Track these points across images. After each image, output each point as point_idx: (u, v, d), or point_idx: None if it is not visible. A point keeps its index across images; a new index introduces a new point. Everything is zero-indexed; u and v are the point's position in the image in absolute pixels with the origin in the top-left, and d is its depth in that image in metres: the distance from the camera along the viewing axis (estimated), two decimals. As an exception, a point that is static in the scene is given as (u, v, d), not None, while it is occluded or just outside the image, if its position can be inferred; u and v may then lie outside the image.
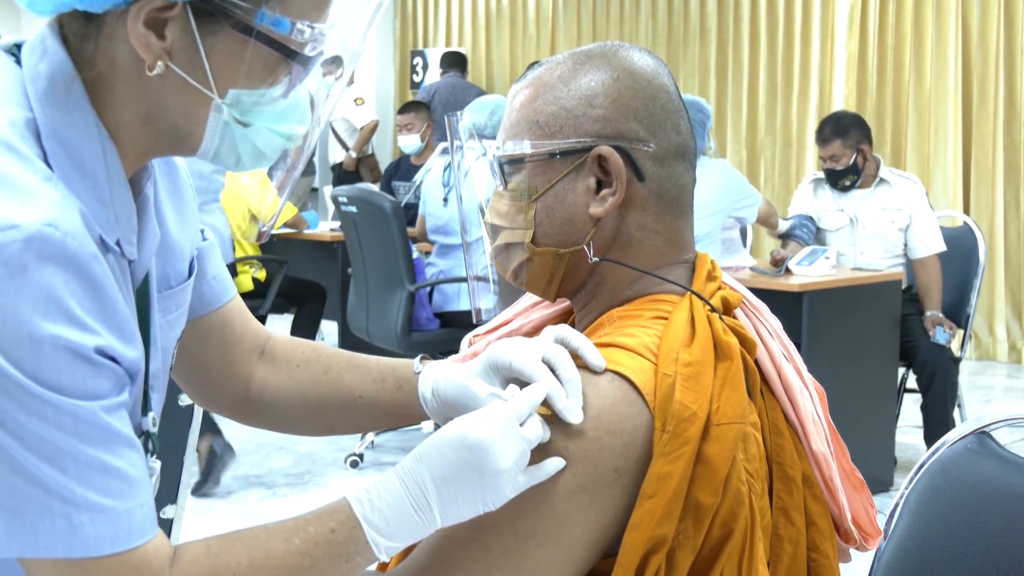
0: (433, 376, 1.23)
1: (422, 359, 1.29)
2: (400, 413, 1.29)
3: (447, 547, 1.07)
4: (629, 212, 1.21)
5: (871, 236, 4.63)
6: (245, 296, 5.47)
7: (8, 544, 0.92)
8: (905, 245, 4.60)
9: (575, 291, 1.26)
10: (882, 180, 4.64)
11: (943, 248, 4.55)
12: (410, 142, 6.45)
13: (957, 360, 4.46)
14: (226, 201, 5.48)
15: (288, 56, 1.02)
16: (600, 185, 1.20)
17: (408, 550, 1.22)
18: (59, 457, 0.92)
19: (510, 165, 1.23)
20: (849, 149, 4.58)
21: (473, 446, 1.02)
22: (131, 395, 1.01)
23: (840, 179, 4.65)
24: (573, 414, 1.07)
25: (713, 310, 1.19)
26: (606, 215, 1.20)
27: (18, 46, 1.04)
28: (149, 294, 1.12)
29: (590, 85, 1.21)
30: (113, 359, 0.96)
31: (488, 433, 1.02)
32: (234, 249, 5.58)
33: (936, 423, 4.34)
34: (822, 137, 4.66)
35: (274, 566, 1.00)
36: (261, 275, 5.71)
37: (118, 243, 1.03)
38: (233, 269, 5.49)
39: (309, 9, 1.02)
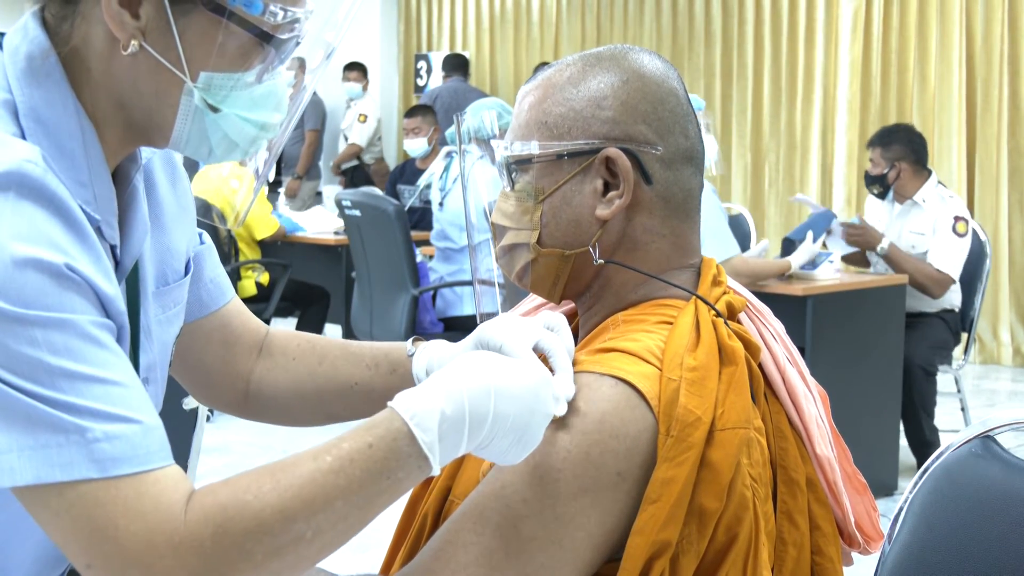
0: (427, 357, 1.25)
1: (414, 340, 1.30)
2: None
3: (450, 550, 1.07)
4: (635, 215, 1.21)
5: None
6: (248, 300, 5.49)
7: (22, 471, 0.88)
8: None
9: (580, 293, 1.26)
10: (914, 203, 4.62)
11: (954, 276, 4.48)
12: (417, 146, 6.45)
13: (930, 372, 4.44)
14: (217, 204, 5.49)
15: (260, 39, 1.02)
16: (607, 187, 1.21)
17: (411, 551, 1.23)
18: (55, 378, 0.89)
19: (518, 166, 1.23)
20: (885, 160, 4.63)
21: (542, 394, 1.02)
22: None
23: (870, 185, 4.72)
24: (566, 390, 1.07)
25: (718, 315, 1.19)
26: (612, 217, 1.21)
27: (1, 35, 1.06)
28: (139, 285, 1.13)
29: (599, 87, 1.21)
30: (92, 290, 0.95)
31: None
32: (238, 253, 5.59)
33: (917, 430, 4.41)
34: (869, 142, 4.76)
35: (302, 485, 0.93)
36: (264, 279, 5.72)
37: (98, 225, 1.03)
38: (236, 273, 5.50)
39: None
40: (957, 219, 4.53)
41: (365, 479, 0.95)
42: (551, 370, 1.09)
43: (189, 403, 1.86)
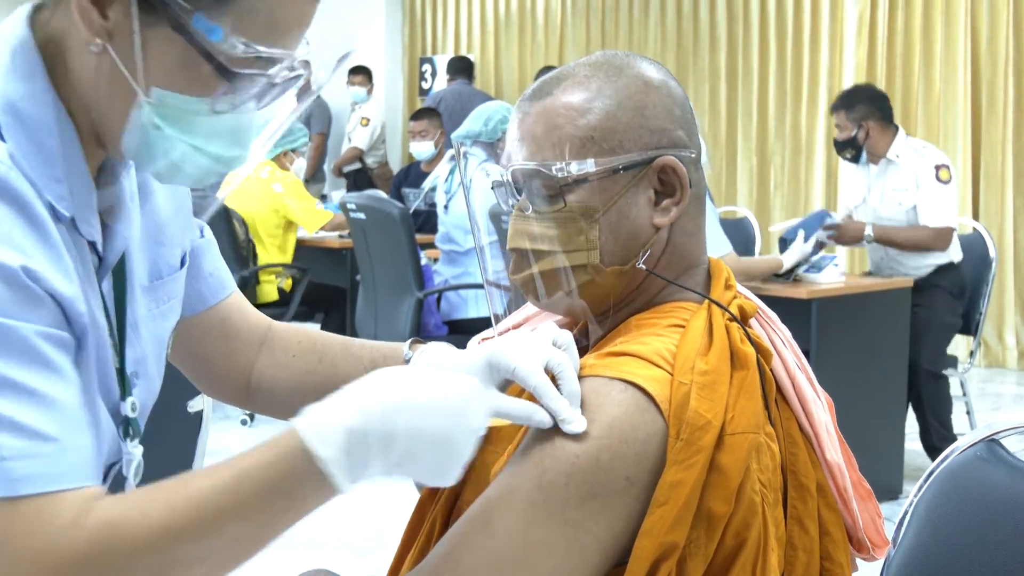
0: (425, 362, 1.23)
1: (412, 343, 1.29)
2: None
3: (458, 554, 1.07)
4: (679, 218, 1.22)
5: (880, 218, 4.58)
6: (269, 305, 5.49)
7: None
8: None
9: (617, 303, 1.25)
10: (890, 161, 4.57)
11: (951, 224, 4.42)
12: (423, 148, 6.43)
13: (937, 375, 4.43)
14: (254, 208, 5.48)
15: (216, 68, 0.99)
16: (656, 195, 1.21)
17: (421, 556, 1.23)
18: None
19: (574, 185, 1.19)
20: (851, 122, 4.58)
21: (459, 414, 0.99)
22: (84, 351, 1.00)
23: (841, 151, 4.66)
24: (577, 425, 1.07)
25: (733, 318, 1.19)
26: (669, 224, 1.21)
27: None
28: (126, 280, 1.13)
29: (637, 96, 1.20)
30: (49, 294, 0.94)
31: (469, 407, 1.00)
32: (256, 258, 5.58)
33: (925, 432, 4.43)
34: (833, 106, 4.71)
35: (193, 504, 0.91)
36: (287, 284, 5.70)
37: (73, 220, 1.02)
38: (255, 278, 5.49)
39: (260, 32, 0.99)
40: (938, 167, 4.47)
41: (262, 497, 0.92)
42: (559, 391, 1.08)
43: (194, 406, 1.87)
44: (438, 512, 1.24)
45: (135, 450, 1.14)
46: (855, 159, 4.65)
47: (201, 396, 1.87)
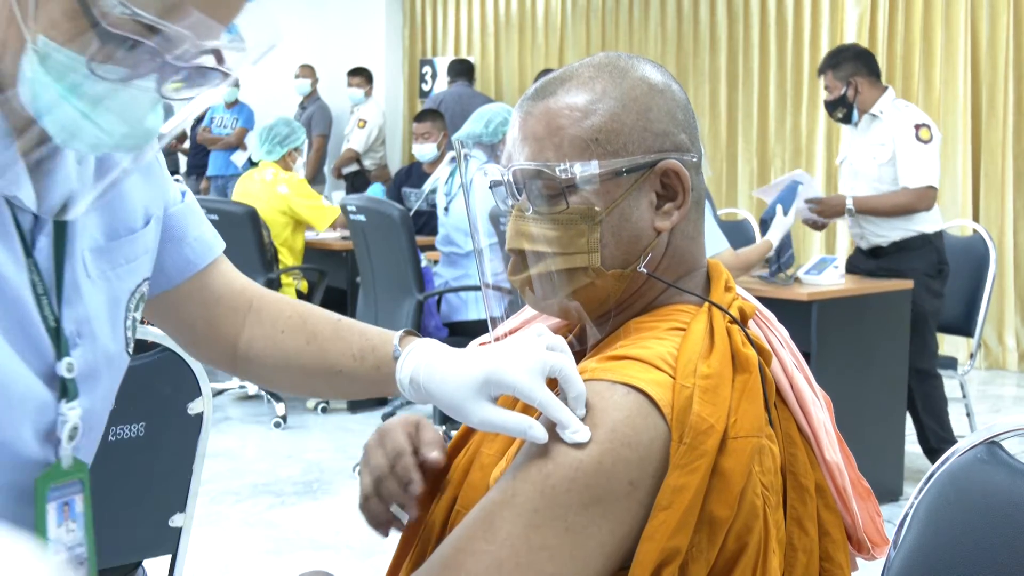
0: (415, 362, 1.19)
1: (404, 336, 1.26)
2: (380, 390, 1.28)
3: (460, 559, 1.06)
4: (680, 222, 1.22)
5: (856, 173, 4.55)
6: None
7: None
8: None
9: (616, 307, 1.24)
10: (874, 116, 4.52)
11: (932, 183, 4.35)
12: (427, 151, 6.43)
13: (928, 373, 4.42)
14: (261, 211, 5.47)
15: (91, 23, 0.96)
16: (658, 198, 1.20)
17: (418, 560, 1.22)
18: None
19: (575, 187, 1.18)
20: (840, 81, 4.53)
21: None
22: None
23: (832, 111, 4.61)
24: (582, 435, 1.06)
25: (734, 320, 1.19)
26: (671, 228, 1.21)
27: None
28: (66, 240, 1.11)
29: (641, 99, 1.20)
30: None
31: None
32: (277, 261, 5.57)
33: (922, 435, 4.43)
34: (819, 69, 4.66)
35: None
36: (303, 287, 5.70)
37: None
38: (278, 281, 5.48)
39: (151, 1, 0.96)
40: (918, 126, 4.39)
41: None
42: (566, 395, 1.08)
43: (194, 408, 1.87)
44: (436, 516, 1.23)
45: (70, 412, 1.11)
46: (847, 119, 4.58)
47: (201, 398, 1.87)
